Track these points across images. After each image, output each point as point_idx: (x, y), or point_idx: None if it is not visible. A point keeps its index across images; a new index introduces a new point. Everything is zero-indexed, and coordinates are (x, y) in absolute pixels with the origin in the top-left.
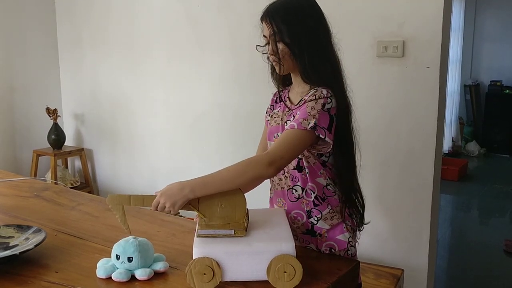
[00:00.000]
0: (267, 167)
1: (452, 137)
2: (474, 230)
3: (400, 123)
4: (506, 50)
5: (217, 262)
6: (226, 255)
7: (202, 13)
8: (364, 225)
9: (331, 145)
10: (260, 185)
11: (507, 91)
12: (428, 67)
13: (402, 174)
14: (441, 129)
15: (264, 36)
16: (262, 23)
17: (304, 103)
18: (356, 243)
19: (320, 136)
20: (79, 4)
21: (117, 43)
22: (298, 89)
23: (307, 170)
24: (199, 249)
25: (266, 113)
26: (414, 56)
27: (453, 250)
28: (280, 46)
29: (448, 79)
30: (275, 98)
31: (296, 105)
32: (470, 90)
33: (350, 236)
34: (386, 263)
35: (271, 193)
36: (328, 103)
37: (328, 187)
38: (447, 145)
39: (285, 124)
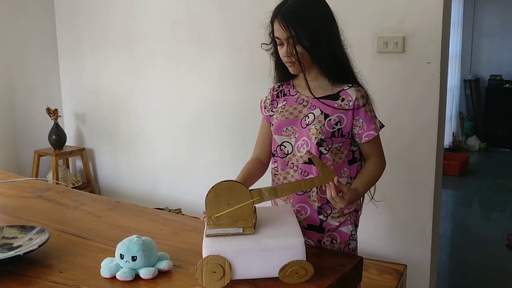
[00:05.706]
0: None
1: (453, 132)
2: (476, 224)
3: (401, 118)
4: (505, 44)
5: (229, 262)
6: (236, 253)
7: (202, 11)
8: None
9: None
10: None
11: (507, 85)
12: (428, 62)
13: (404, 169)
14: (442, 123)
15: (277, 37)
16: (273, 24)
17: (356, 108)
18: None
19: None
20: (78, 3)
21: (116, 41)
22: (315, 83)
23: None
24: (208, 248)
25: (265, 108)
26: (415, 51)
27: (455, 245)
28: (299, 49)
29: (448, 74)
30: (275, 93)
31: (322, 97)
32: (470, 84)
33: (353, 230)
34: (389, 258)
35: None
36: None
37: None
38: (447, 140)
39: (303, 117)
